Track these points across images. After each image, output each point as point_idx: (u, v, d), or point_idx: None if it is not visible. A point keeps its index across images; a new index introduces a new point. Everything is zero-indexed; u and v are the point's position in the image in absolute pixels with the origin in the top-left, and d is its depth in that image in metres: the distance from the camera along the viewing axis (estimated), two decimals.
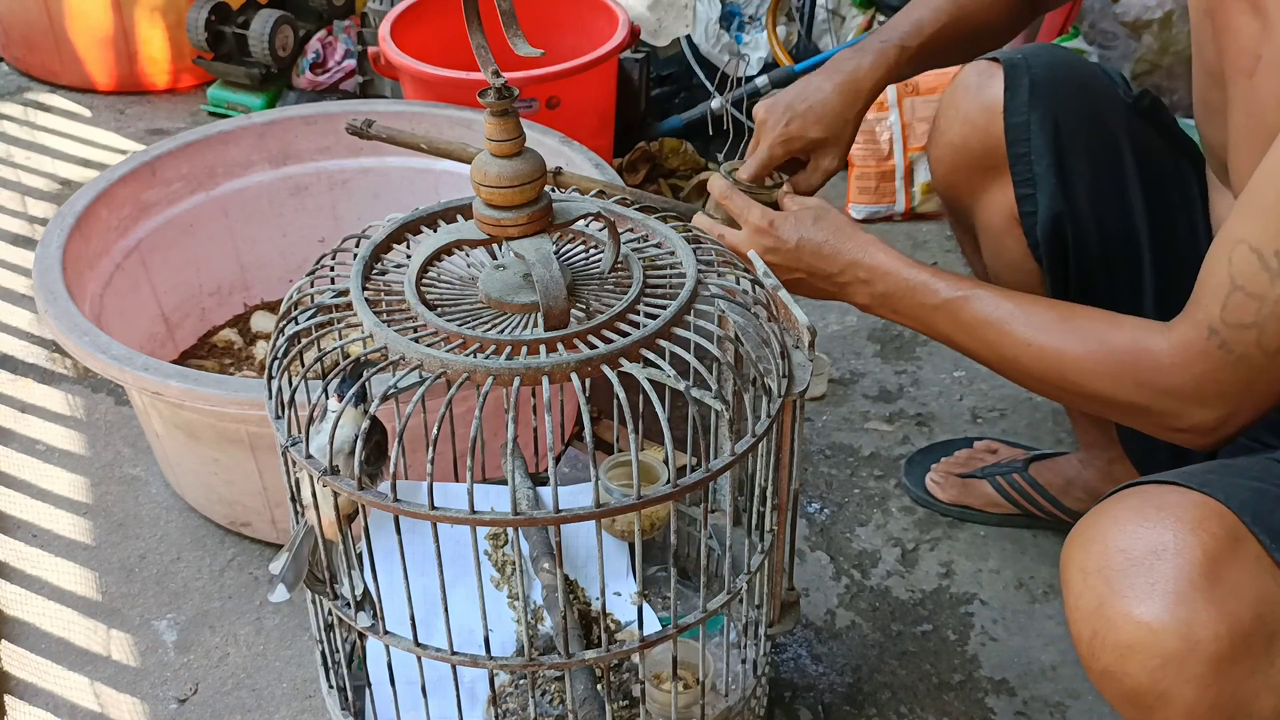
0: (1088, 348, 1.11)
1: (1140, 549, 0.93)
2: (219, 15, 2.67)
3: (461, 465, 1.31)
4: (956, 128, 1.38)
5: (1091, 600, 0.95)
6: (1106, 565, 0.94)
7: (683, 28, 2.77)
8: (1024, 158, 1.32)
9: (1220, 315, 1.01)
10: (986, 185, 1.37)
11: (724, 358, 1.03)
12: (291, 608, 1.57)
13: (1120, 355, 1.08)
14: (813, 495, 1.76)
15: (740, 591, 1.13)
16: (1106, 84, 1.37)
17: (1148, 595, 0.91)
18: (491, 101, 1.01)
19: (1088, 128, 1.32)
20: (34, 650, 1.55)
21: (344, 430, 1.01)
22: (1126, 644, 0.92)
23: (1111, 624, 0.93)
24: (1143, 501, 0.97)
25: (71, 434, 1.90)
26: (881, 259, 1.25)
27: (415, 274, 1.08)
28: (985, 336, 1.18)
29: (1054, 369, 1.13)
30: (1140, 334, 1.08)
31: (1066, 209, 1.32)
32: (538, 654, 1.17)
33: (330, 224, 2.06)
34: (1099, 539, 0.97)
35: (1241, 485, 0.98)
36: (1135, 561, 0.93)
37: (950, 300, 1.19)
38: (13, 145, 2.71)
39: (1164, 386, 1.06)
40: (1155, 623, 0.91)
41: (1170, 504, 0.95)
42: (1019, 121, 1.32)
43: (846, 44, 2.63)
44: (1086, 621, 0.95)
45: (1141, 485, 1.00)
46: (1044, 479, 1.66)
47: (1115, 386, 1.09)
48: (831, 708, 1.46)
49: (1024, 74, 1.32)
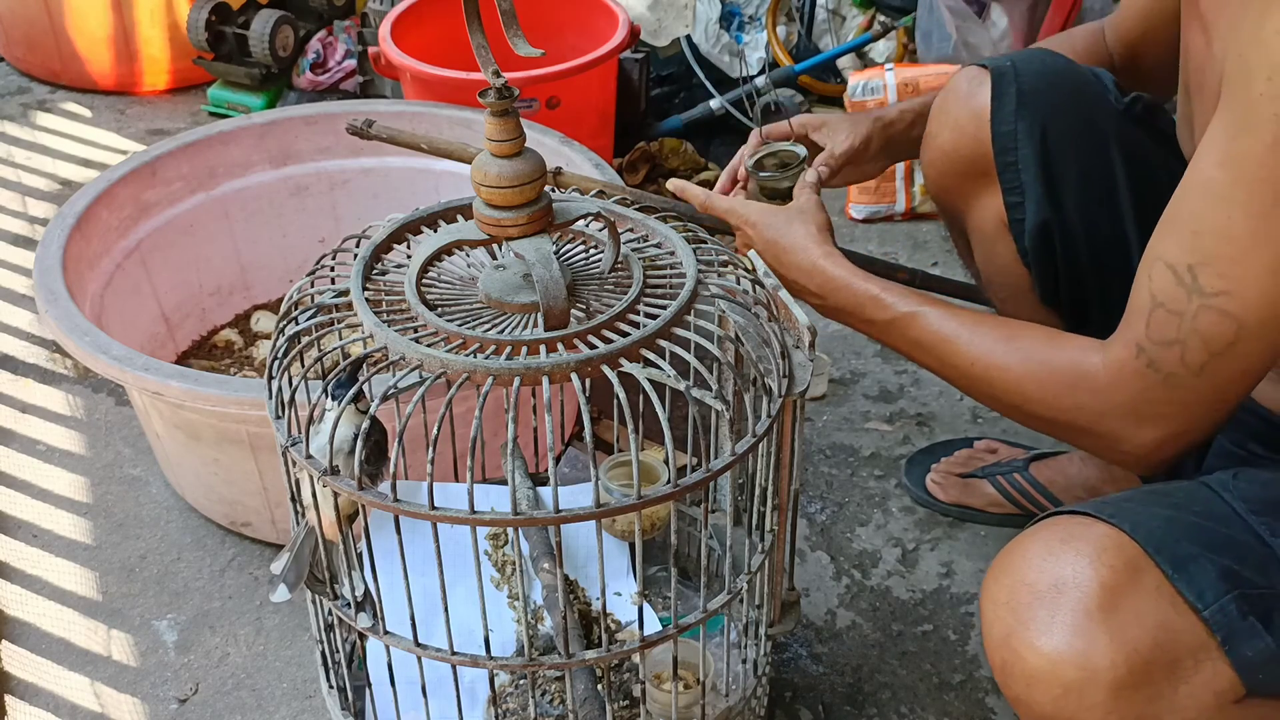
0: (1028, 367, 1.11)
1: (1044, 582, 0.98)
2: (219, 15, 2.67)
3: (461, 465, 1.31)
4: (947, 133, 1.39)
5: (1001, 631, 1.00)
6: (1014, 598, 0.99)
7: (683, 28, 2.77)
8: (1011, 166, 1.33)
9: (1146, 333, 1.02)
10: (977, 191, 1.38)
11: (724, 358, 1.03)
12: (291, 608, 1.57)
13: (1059, 375, 1.09)
14: (813, 495, 1.76)
15: (740, 591, 1.13)
16: (1098, 89, 1.37)
17: (1048, 627, 0.96)
18: (492, 101, 1.01)
19: (1077, 135, 1.33)
20: (34, 650, 1.55)
21: (342, 430, 1.01)
22: (1031, 674, 0.97)
23: (1017, 654, 0.98)
24: (1051, 534, 1.01)
25: (72, 434, 1.90)
26: (833, 273, 1.27)
27: (415, 274, 1.08)
28: (935, 353, 1.19)
29: (999, 388, 1.14)
30: (1079, 354, 1.09)
31: (1054, 217, 1.32)
32: (538, 654, 1.17)
33: (330, 224, 2.06)
34: (1009, 572, 1.01)
35: (1154, 514, 1.01)
36: (1039, 594, 0.98)
37: (899, 317, 1.21)
38: (13, 145, 2.71)
39: (1101, 407, 1.07)
40: (1054, 654, 0.95)
41: (1075, 536, 0.99)
42: (1006, 130, 1.32)
43: (846, 44, 2.64)
44: (997, 650, 1.00)
45: (1058, 516, 1.04)
46: (1045, 478, 1.66)
47: (1056, 407, 1.10)
48: (832, 708, 1.46)
49: (1011, 82, 1.33)
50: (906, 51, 2.65)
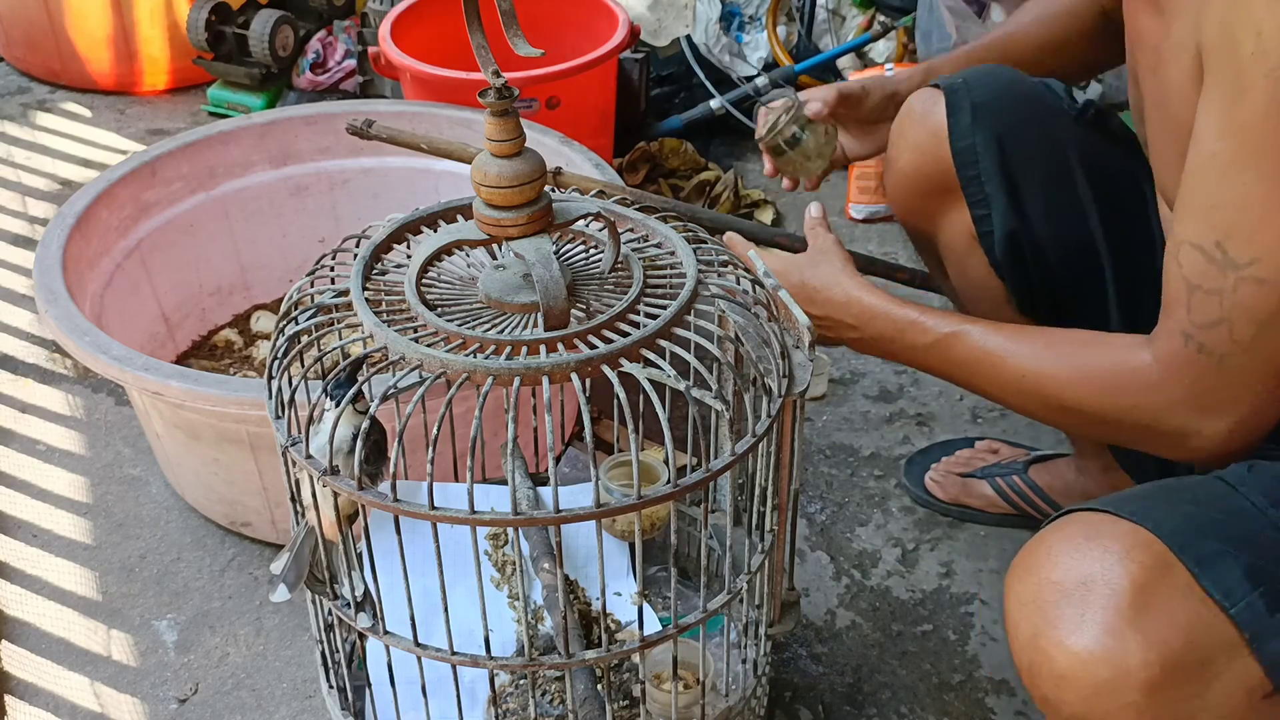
0: (1079, 373, 1.10)
1: (1071, 580, 0.96)
2: (219, 15, 2.67)
3: (461, 465, 1.31)
4: (907, 155, 1.39)
5: (1028, 631, 0.98)
6: (1040, 596, 0.97)
7: (683, 28, 2.77)
8: (974, 179, 1.33)
9: (1189, 319, 1.01)
10: (944, 209, 1.38)
11: (724, 358, 1.03)
12: (291, 608, 1.57)
13: (1111, 376, 1.08)
14: (813, 495, 1.76)
15: (740, 591, 1.13)
16: (1050, 99, 1.37)
17: (1078, 626, 0.94)
18: (492, 101, 1.01)
19: (1034, 144, 1.33)
20: (34, 650, 1.55)
21: (342, 430, 1.01)
22: (1061, 673, 0.95)
23: (1046, 654, 0.96)
24: (1075, 531, 0.99)
25: (71, 434, 1.90)
26: (869, 301, 1.27)
27: (415, 274, 1.08)
28: (979, 371, 1.18)
29: (1053, 397, 1.13)
30: (1126, 352, 1.07)
31: (1021, 226, 1.32)
32: (538, 654, 1.17)
33: (330, 224, 2.06)
34: (1034, 570, 0.99)
35: (1174, 511, 0.99)
36: (1066, 593, 0.96)
37: (941, 339, 1.20)
38: (13, 145, 2.71)
39: (1160, 404, 1.05)
40: (1085, 653, 0.93)
41: (1101, 533, 0.97)
42: (965, 144, 1.33)
43: (846, 44, 2.64)
44: (1024, 651, 0.99)
45: (1077, 513, 1.02)
46: (1043, 481, 1.66)
47: (1113, 409, 1.09)
48: (832, 708, 1.46)
49: (965, 97, 1.33)
50: (906, 51, 2.65)
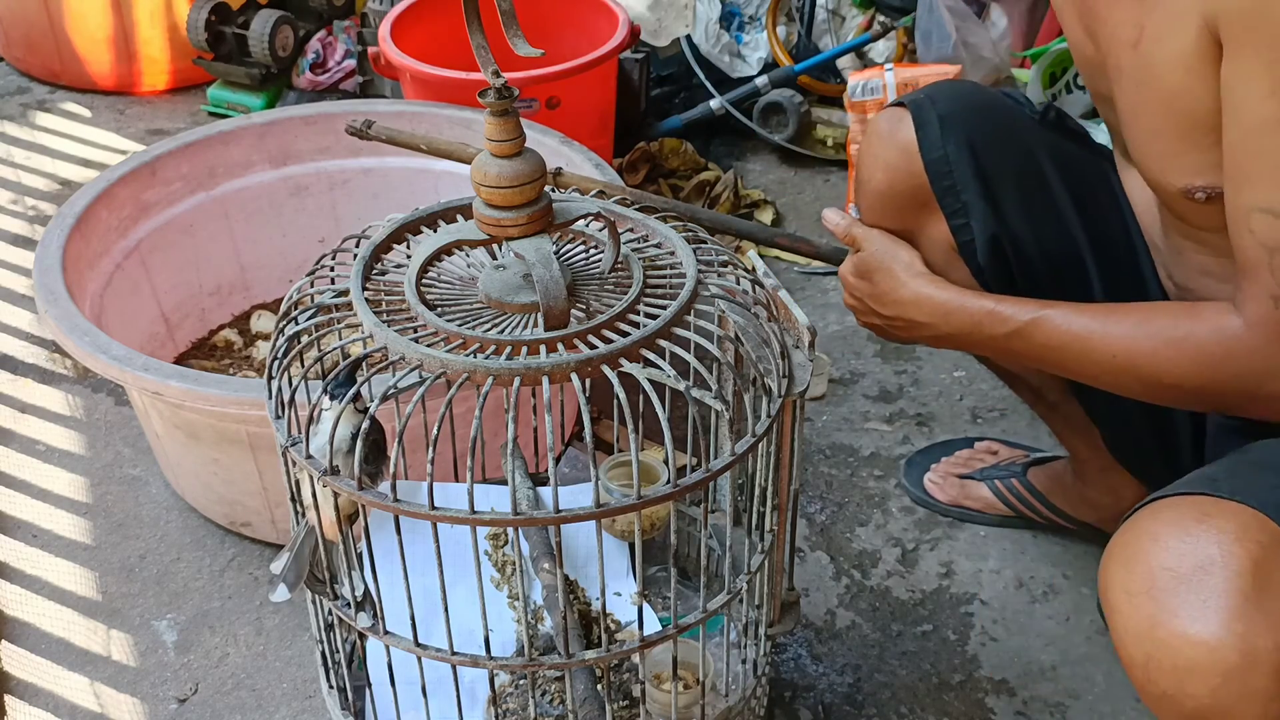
0: (1175, 348, 1.09)
1: (1186, 565, 0.91)
2: (219, 15, 2.67)
3: (461, 465, 1.31)
4: (879, 175, 1.38)
5: (1142, 623, 0.93)
6: (1153, 585, 0.92)
7: (683, 28, 2.77)
8: (950, 189, 1.32)
9: (1274, 280, 1.01)
10: (920, 224, 1.37)
11: (724, 358, 1.03)
12: (291, 608, 1.57)
13: (1208, 348, 1.07)
14: (813, 495, 1.76)
15: (740, 591, 1.13)
16: (1011, 105, 1.38)
17: (1201, 612, 0.89)
18: (491, 101, 1.01)
19: (1004, 148, 1.33)
20: (34, 650, 1.55)
21: (341, 430, 1.01)
22: (1185, 665, 0.90)
23: (1166, 646, 0.91)
24: (1180, 515, 0.95)
25: (71, 434, 1.90)
26: (942, 298, 1.27)
27: (415, 274, 1.08)
28: (1069, 354, 1.17)
29: (1148, 374, 1.12)
30: (1220, 321, 1.06)
31: (1001, 229, 1.32)
32: (538, 654, 1.17)
33: (330, 224, 2.06)
34: (1141, 558, 0.94)
35: (1272, 489, 0.96)
36: (1183, 579, 0.91)
37: (1023, 326, 1.20)
38: (13, 145, 2.71)
39: (1261, 369, 1.04)
40: (1213, 639, 0.89)
41: (1211, 514, 0.93)
42: (937, 155, 1.32)
43: (846, 44, 2.64)
44: (1139, 645, 0.93)
45: (1172, 497, 0.98)
46: (1041, 485, 1.65)
47: (1214, 379, 1.08)
48: (831, 708, 1.46)
49: (930, 110, 1.33)
50: (906, 51, 2.65)
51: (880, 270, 1.32)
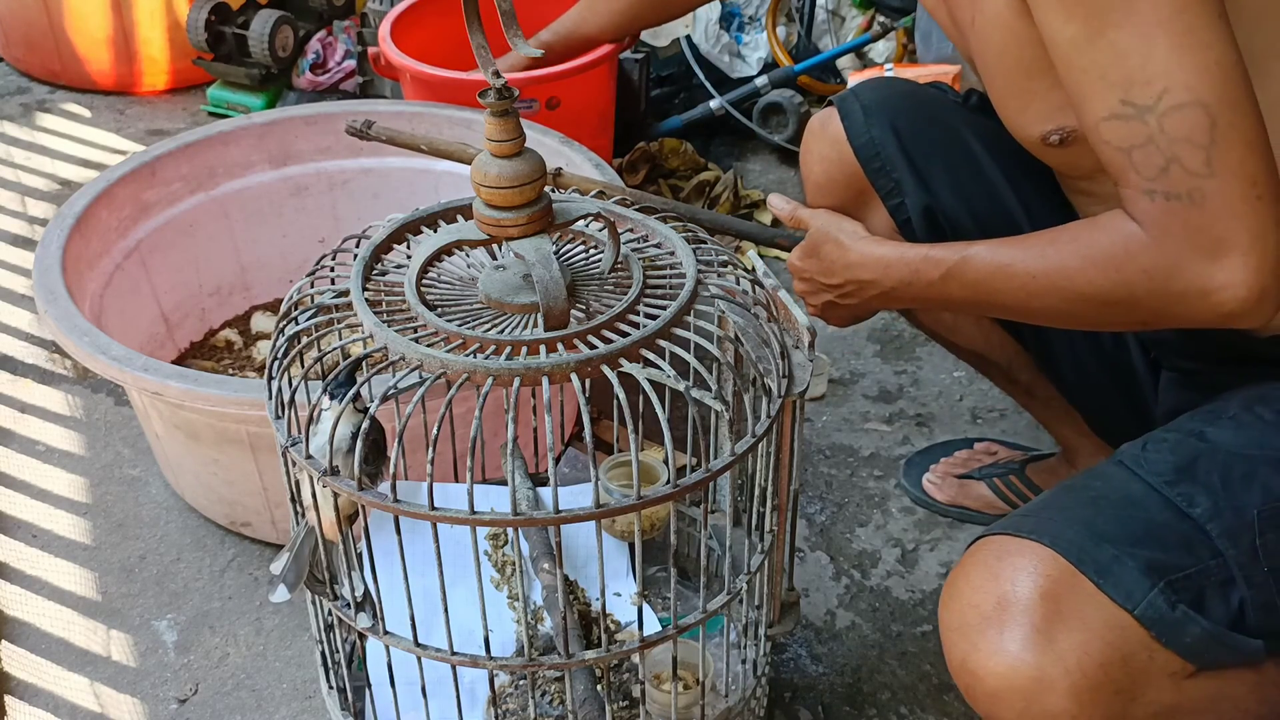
0: (1085, 258, 1.10)
1: (988, 603, 1.01)
2: (219, 15, 2.67)
3: (461, 465, 1.31)
4: (817, 168, 1.44)
5: (958, 656, 1.03)
6: (964, 621, 1.03)
7: (683, 28, 2.77)
8: (880, 170, 1.38)
9: (1142, 179, 1.03)
10: (860, 211, 1.41)
11: (724, 358, 1.03)
12: (291, 608, 1.57)
13: (1115, 252, 1.08)
14: (813, 495, 1.76)
15: (740, 592, 1.13)
16: (934, 93, 1.45)
17: (999, 646, 0.99)
18: (491, 102, 1.01)
19: (928, 126, 1.39)
20: (34, 650, 1.55)
21: (341, 430, 1.01)
22: (993, 693, 1.00)
23: (977, 676, 1.01)
24: (986, 555, 1.05)
25: (71, 434, 1.90)
26: (880, 252, 1.30)
27: (415, 274, 1.08)
28: (995, 286, 1.19)
29: (1066, 289, 1.13)
30: (1117, 225, 1.07)
31: (933, 200, 1.37)
32: (538, 654, 1.17)
33: (330, 224, 2.06)
34: (956, 597, 1.05)
35: (1072, 518, 1.04)
36: (986, 615, 1.01)
37: (953, 266, 1.22)
38: (13, 145, 2.72)
39: (1166, 262, 1.04)
40: (1009, 670, 0.99)
41: (1009, 552, 1.03)
42: (864, 140, 1.39)
43: (846, 45, 2.64)
44: (958, 675, 1.04)
45: (990, 537, 1.07)
46: (1040, 480, 1.66)
47: (1128, 284, 1.08)
48: (831, 708, 1.46)
49: (854, 101, 1.41)
50: (906, 52, 2.65)
51: (827, 242, 1.35)
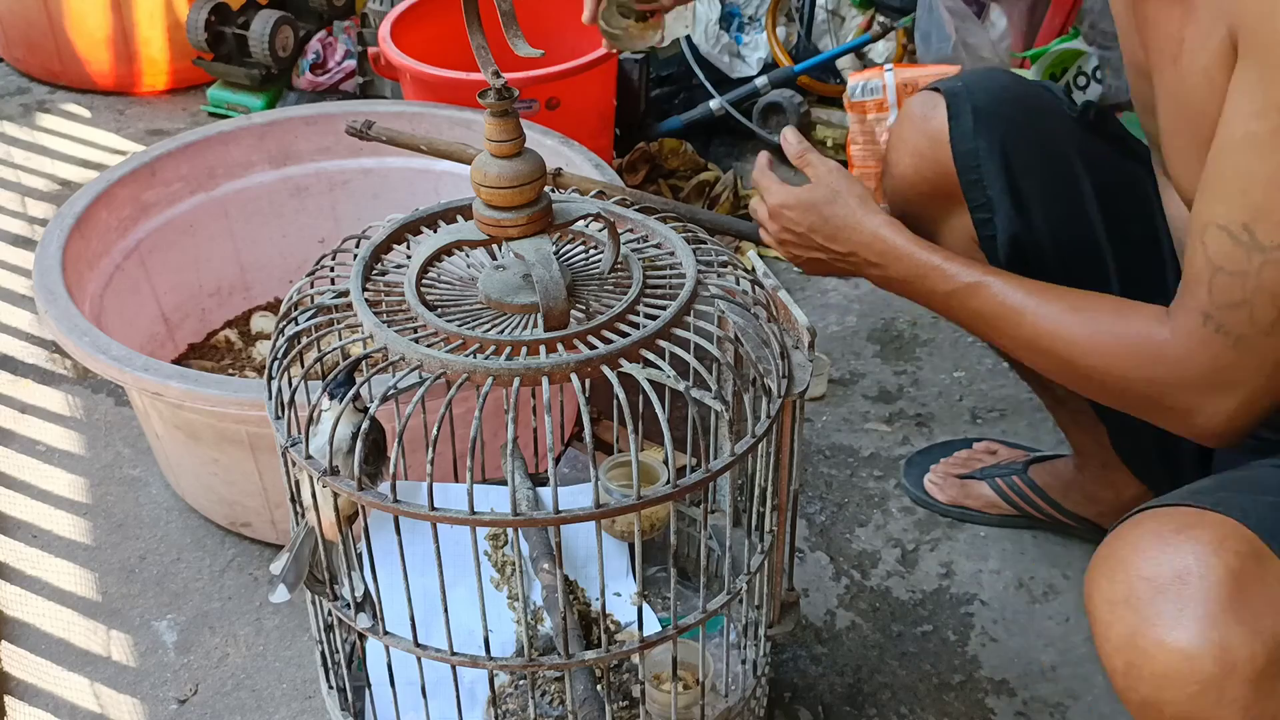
0: (1098, 340, 1.10)
1: (1165, 575, 0.93)
2: (219, 16, 2.67)
3: (461, 465, 1.31)
4: (906, 160, 1.39)
5: (1122, 631, 0.94)
6: (1133, 594, 0.94)
7: (683, 28, 2.77)
8: (976, 184, 1.32)
9: (1209, 299, 1.01)
10: (944, 214, 1.37)
11: (724, 358, 1.03)
12: (291, 608, 1.57)
13: (1130, 348, 1.08)
14: (813, 495, 1.76)
15: (740, 592, 1.13)
16: (1051, 101, 1.37)
17: (1178, 621, 0.91)
18: (491, 102, 1.01)
19: (1036, 147, 1.33)
20: (34, 651, 1.55)
21: (341, 430, 1.01)
22: (1162, 672, 0.91)
23: (1145, 653, 0.92)
24: (1161, 525, 0.96)
25: (71, 434, 1.90)
26: (895, 242, 1.27)
27: (415, 274, 1.08)
28: (996, 325, 1.18)
29: (1066, 361, 1.13)
30: (1148, 326, 1.07)
31: (1024, 229, 1.32)
32: (538, 654, 1.17)
33: (330, 224, 2.06)
34: (1122, 568, 0.96)
35: (1256, 501, 0.97)
36: (1161, 589, 0.92)
37: (962, 288, 1.20)
38: (13, 145, 2.72)
39: (1175, 380, 1.05)
40: (1189, 648, 0.90)
41: (1190, 525, 0.94)
42: (967, 149, 1.32)
43: (846, 45, 2.64)
44: (1120, 653, 0.94)
45: (1156, 509, 0.99)
46: (1043, 481, 1.66)
47: (1128, 380, 1.09)
48: (831, 708, 1.46)
49: (966, 101, 1.33)
50: (906, 52, 2.65)
51: (835, 204, 1.30)
